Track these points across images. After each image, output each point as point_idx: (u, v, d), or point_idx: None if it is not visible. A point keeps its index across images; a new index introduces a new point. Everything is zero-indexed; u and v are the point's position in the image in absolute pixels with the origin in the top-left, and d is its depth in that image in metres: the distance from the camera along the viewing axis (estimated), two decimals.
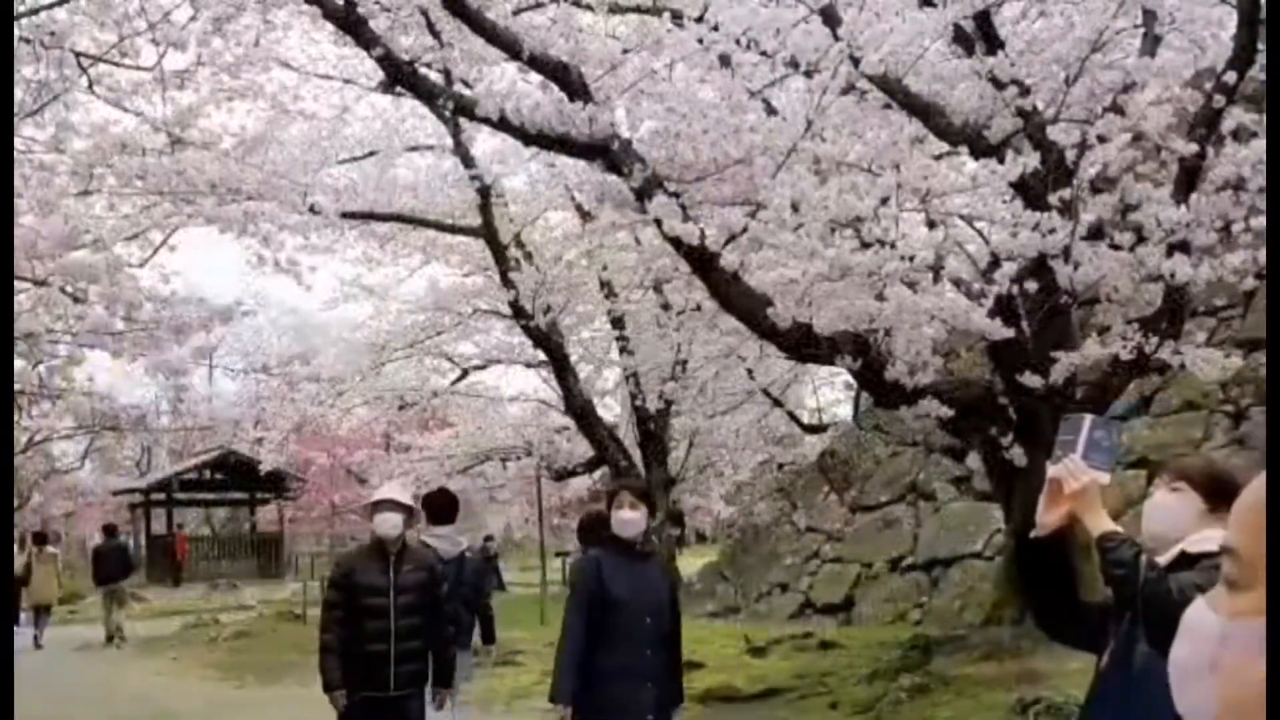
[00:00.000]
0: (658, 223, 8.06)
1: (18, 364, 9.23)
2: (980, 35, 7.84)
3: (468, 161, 14.67)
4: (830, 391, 24.47)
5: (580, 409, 17.95)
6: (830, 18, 7.38)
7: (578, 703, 4.88)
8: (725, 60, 8.05)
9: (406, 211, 15.74)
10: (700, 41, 7.75)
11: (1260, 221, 7.48)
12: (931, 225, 8.53)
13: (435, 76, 10.23)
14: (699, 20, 7.66)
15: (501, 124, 8.06)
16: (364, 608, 5.81)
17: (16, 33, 8.03)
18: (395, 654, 5.80)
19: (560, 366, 17.64)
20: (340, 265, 18.15)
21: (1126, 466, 11.20)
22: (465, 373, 21.36)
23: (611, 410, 23.51)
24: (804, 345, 8.65)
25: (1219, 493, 3.45)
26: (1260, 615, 0.89)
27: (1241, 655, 0.91)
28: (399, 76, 8.51)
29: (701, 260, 8.33)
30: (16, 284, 8.86)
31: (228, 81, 9.92)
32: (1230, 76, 7.39)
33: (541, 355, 18.24)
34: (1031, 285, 7.84)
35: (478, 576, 7.82)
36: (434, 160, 16.53)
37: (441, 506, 7.36)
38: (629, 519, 5.07)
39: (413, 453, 21.19)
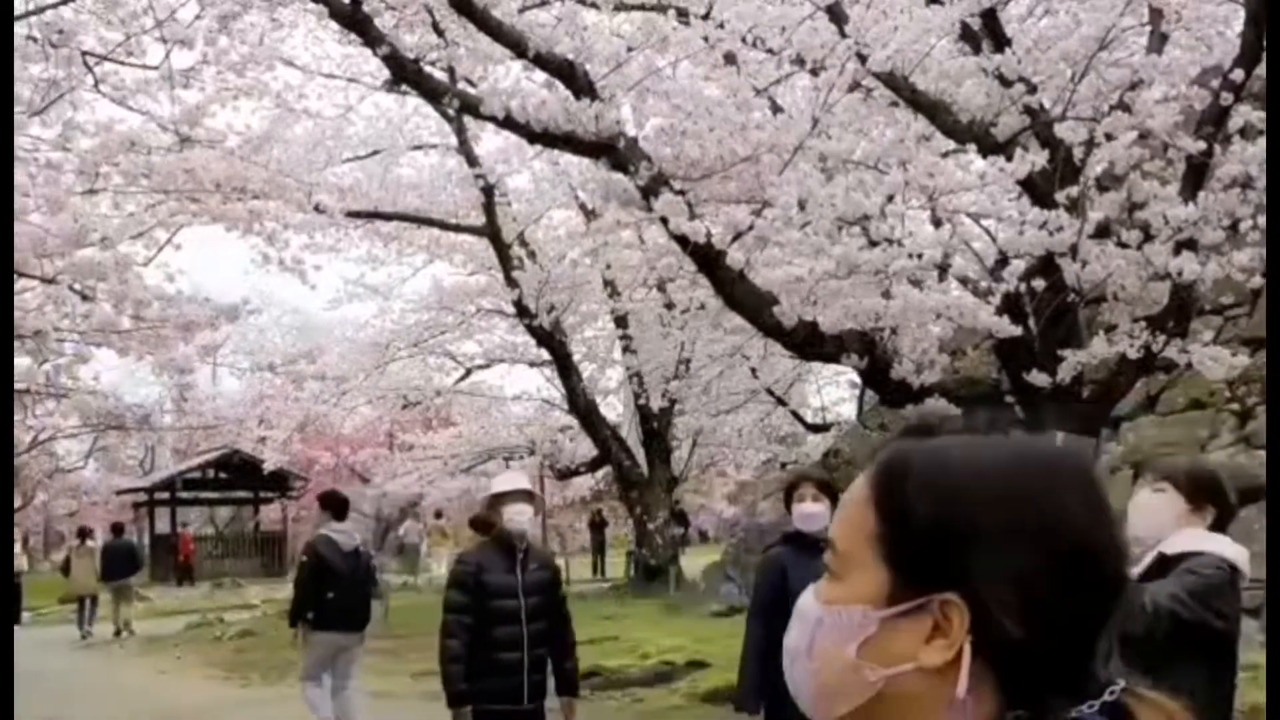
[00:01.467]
0: (663, 221, 8.04)
1: (25, 362, 9.24)
2: (987, 33, 7.83)
3: (472, 160, 14.68)
4: (834, 390, 24.43)
5: (583, 408, 17.95)
6: (836, 15, 7.38)
7: (768, 710, 4.43)
8: (731, 58, 8.06)
9: (411, 210, 15.78)
10: (706, 39, 7.76)
11: None
12: (938, 223, 8.51)
13: (440, 75, 10.24)
14: (705, 17, 7.66)
15: (506, 122, 8.05)
16: (493, 611, 5.30)
17: (24, 31, 8.05)
18: (528, 661, 5.36)
19: (563, 365, 17.65)
20: (344, 264, 18.22)
21: (1131, 466, 11.17)
22: (469, 372, 21.38)
23: (615, 409, 23.50)
24: (810, 344, 8.63)
25: (1201, 492, 3.45)
26: (846, 604, 0.94)
27: (830, 641, 0.95)
28: (404, 75, 8.50)
29: (707, 258, 8.31)
30: (25, 282, 8.87)
31: (233, 80, 9.94)
32: (1237, 74, 7.38)
33: (545, 354, 18.25)
34: (1039, 283, 7.82)
35: (368, 572, 8.76)
36: (438, 159, 16.58)
37: (339, 504, 8.50)
38: (811, 512, 4.54)
39: (416, 451, 21.21)
